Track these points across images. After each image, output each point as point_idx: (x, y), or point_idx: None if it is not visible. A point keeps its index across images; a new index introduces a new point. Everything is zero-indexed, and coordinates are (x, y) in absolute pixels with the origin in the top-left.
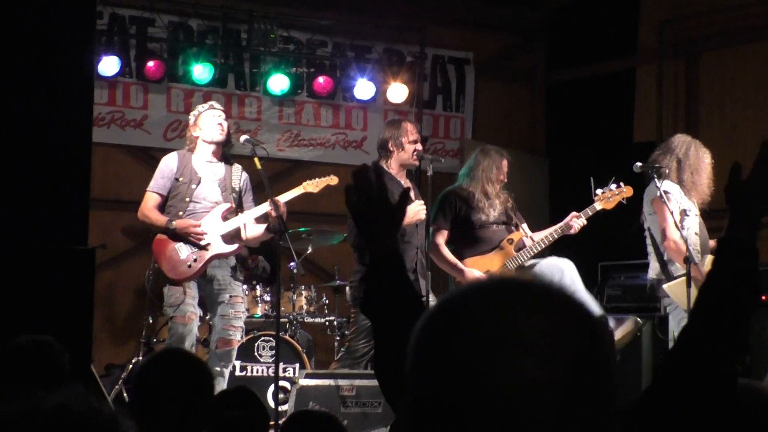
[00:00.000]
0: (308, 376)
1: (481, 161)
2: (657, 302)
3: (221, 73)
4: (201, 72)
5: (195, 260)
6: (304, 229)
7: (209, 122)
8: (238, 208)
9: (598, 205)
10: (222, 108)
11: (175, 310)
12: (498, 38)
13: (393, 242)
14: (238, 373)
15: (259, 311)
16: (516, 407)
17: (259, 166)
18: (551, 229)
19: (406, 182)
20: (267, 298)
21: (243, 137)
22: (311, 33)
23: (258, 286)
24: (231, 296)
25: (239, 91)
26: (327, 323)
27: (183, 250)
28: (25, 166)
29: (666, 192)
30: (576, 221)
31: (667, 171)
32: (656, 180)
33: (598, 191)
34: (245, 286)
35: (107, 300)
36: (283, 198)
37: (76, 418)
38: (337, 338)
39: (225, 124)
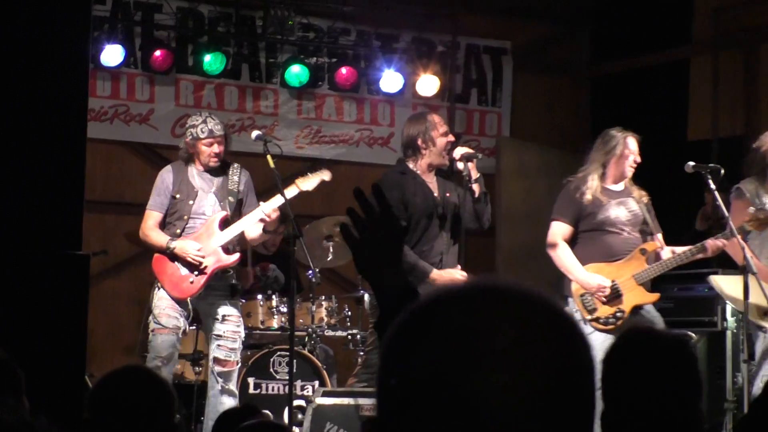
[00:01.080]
0: (325, 394)
1: (601, 147)
2: (713, 316)
3: (234, 63)
4: (212, 62)
5: (197, 274)
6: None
7: (205, 152)
8: (238, 212)
9: (748, 226)
10: (220, 132)
11: (157, 322)
12: (538, 26)
13: (401, 279)
14: (252, 390)
15: (275, 323)
16: (485, 420)
17: (272, 164)
18: (688, 247)
19: (434, 183)
20: (284, 309)
21: (255, 133)
22: (332, 20)
23: (274, 296)
24: (224, 315)
25: (254, 83)
26: (349, 337)
27: (182, 268)
28: (10, 163)
29: (739, 190)
30: (714, 243)
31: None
32: (710, 182)
33: (750, 209)
34: (260, 296)
35: (110, 311)
36: (276, 201)
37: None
38: (361, 353)
39: (221, 149)
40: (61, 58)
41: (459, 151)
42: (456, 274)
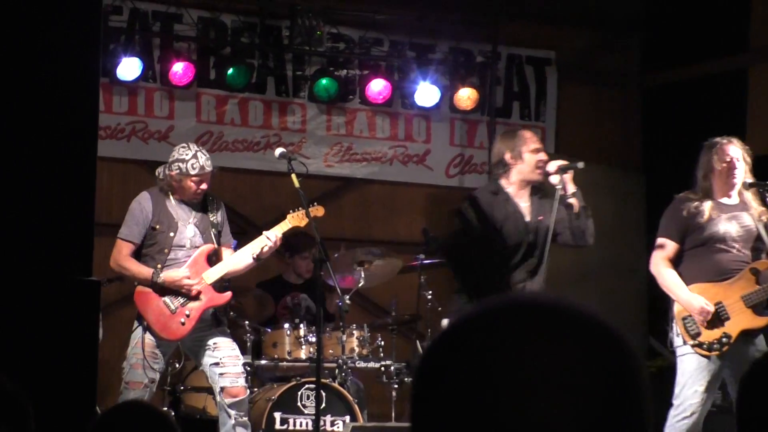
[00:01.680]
0: (356, 429)
1: (701, 157)
2: None
3: (259, 76)
4: (235, 75)
5: (188, 315)
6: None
7: (191, 189)
8: (220, 242)
9: None
10: (210, 169)
11: (132, 375)
12: (585, 34)
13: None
14: (278, 426)
15: (303, 354)
16: None
17: (297, 184)
18: None
19: (527, 206)
20: (312, 338)
21: (278, 150)
22: (364, 29)
23: (302, 326)
24: (214, 343)
25: (280, 97)
26: (383, 369)
27: (172, 304)
28: (14, 182)
29: None
30: None
31: None
32: None
33: None
34: (287, 325)
35: (128, 341)
36: (281, 227)
37: None
38: (395, 386)
39: (207, 185)
40: (68, 70)
41: (554, 164)
42: None
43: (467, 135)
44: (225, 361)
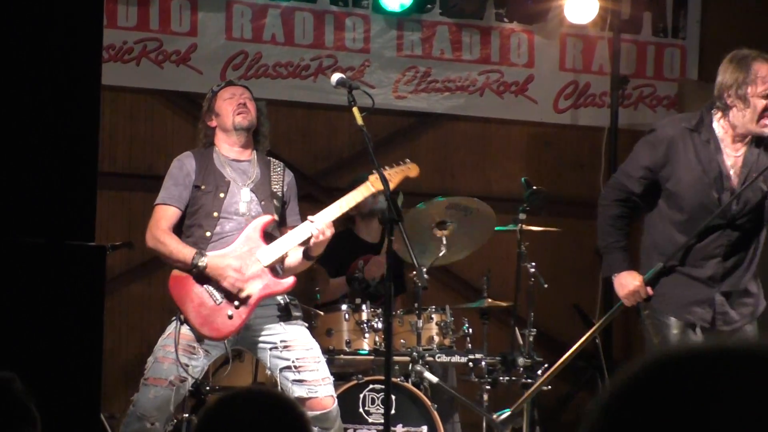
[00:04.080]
0: None
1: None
2: None
3: None
4: None
5: (237, 306)
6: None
7: (227, 105)
8: (280, 221)
9: None
10: (243, 84)
11: (153, 367)
12: None
13: None
14: None
15: (365, 345)
16: None
17: (360, 121)
18: None
19: (738, 156)
20: (378, 324)
21: (336, 77)
22: None
23: (364, 307)
24: (282, 342)
25: (336, 7)
26: (470, 364)
27: (216, 294)
28: (7, 137)
29: None
30: None
31: None
32: None
33: None
34: (344, 307)
35: (140, 323)
36: (332, 211)
37: None
38: (487, 387)
39: (251, 104)
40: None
41: None
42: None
43: (582, 56)
44: (300, 365)
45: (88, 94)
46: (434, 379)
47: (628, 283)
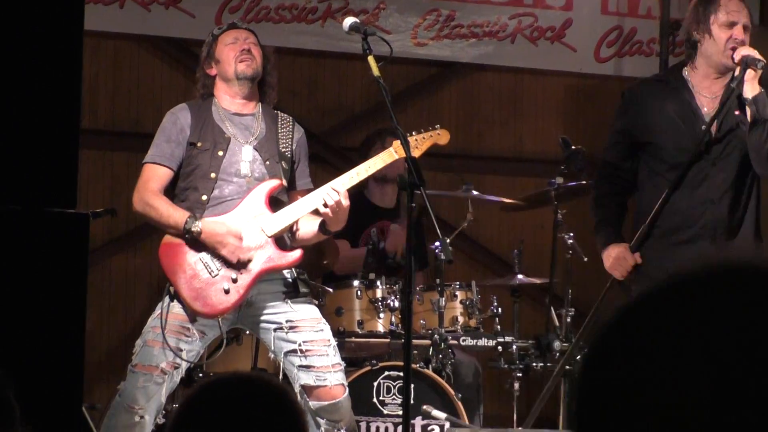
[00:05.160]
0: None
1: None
2: None
3: None
4: None
5: (235, 280)
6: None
7: (229, 50)
8: (289, 185)
9: None
10: (248, 27)
11: (141, 352)
12: None
13: None
14: None
15: (380, 326)
16: None
17: (376, 71)
18: None
19: (712, 98)
20: (394, 303)
21: (348, 21)
22: None
23: (378, 282)
24: (288, 322)
25: None
26: (500, 348)
27: (213, 264)
28: None
29: None
30: None
31: None
32: None
33: None
34: (356, 282)
35: (124, 301)
36: (350, 177)
37: None
38: (518, 375)
39: (257, 50)
40: None
41: (741, 52)
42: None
43: None
44: (307, 348)
45: (68, 41)
46: (442, 415)
47: (612, 253)
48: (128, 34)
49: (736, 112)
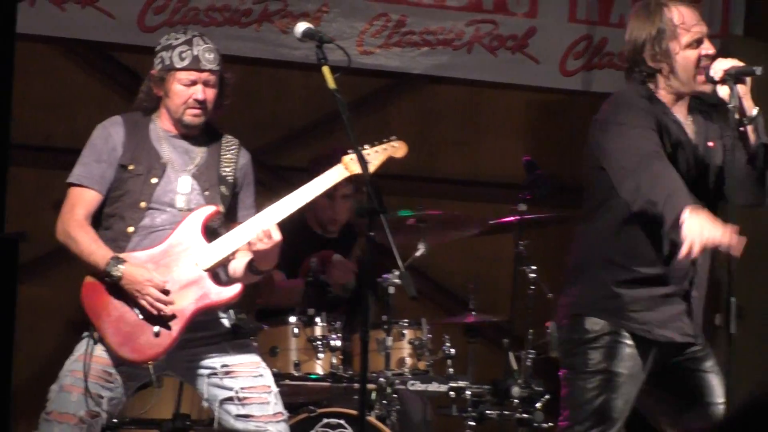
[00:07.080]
0: None
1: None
2: None
3: None
4: None
5: (166, 321)
6: (407, 213)
7: (181, 94)
8: (229, 214)
9: None
10: (212, 66)
11: (57, 398)
12: None
13: None
14: None
15: (318, 368)
16: None
17: (332, 84)
18: None
19: (690, 124)
20: (335, 341)
21: (301, 27)
22: None
23: (317, 319)
24: (224, 366)
25: None
26: (452, 393)
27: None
28: None
29: None
30: None
31: None
32: None
33: None
34: (293, 319)
35: (30, 337)
36: (283, 207)
37: None
38: (470, 423)
39: (212, 95)
40: None
41: (719, 66)
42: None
43: (599, 5)
44: (245, 396)
45: None
46: None
47: (702, 213)
48: (39, 35)
49: (710, 144)
